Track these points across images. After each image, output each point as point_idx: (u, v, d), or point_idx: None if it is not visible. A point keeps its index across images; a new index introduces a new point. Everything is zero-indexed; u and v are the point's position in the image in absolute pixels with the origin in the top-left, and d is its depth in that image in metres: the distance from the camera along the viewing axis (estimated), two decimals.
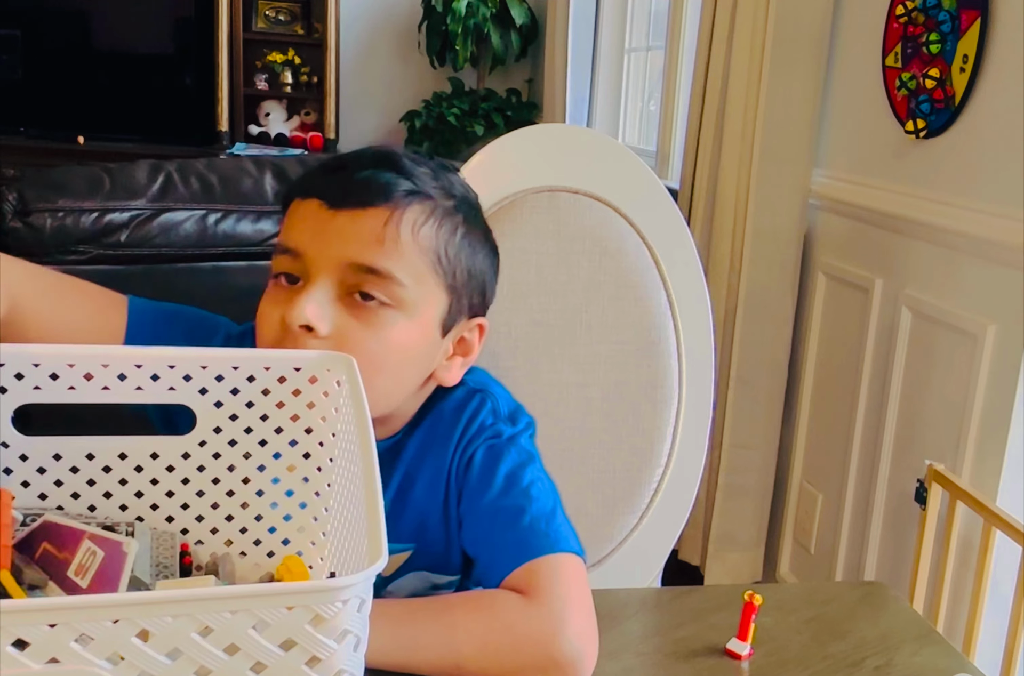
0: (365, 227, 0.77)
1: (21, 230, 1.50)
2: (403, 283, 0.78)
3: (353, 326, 0.77)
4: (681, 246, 1.30)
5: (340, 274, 0.77)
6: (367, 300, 0.78)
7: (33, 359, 0.74)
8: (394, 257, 0.77)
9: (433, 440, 0.87)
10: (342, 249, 0.77)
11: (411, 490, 0.88)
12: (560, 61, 3.61)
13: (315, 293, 0.76)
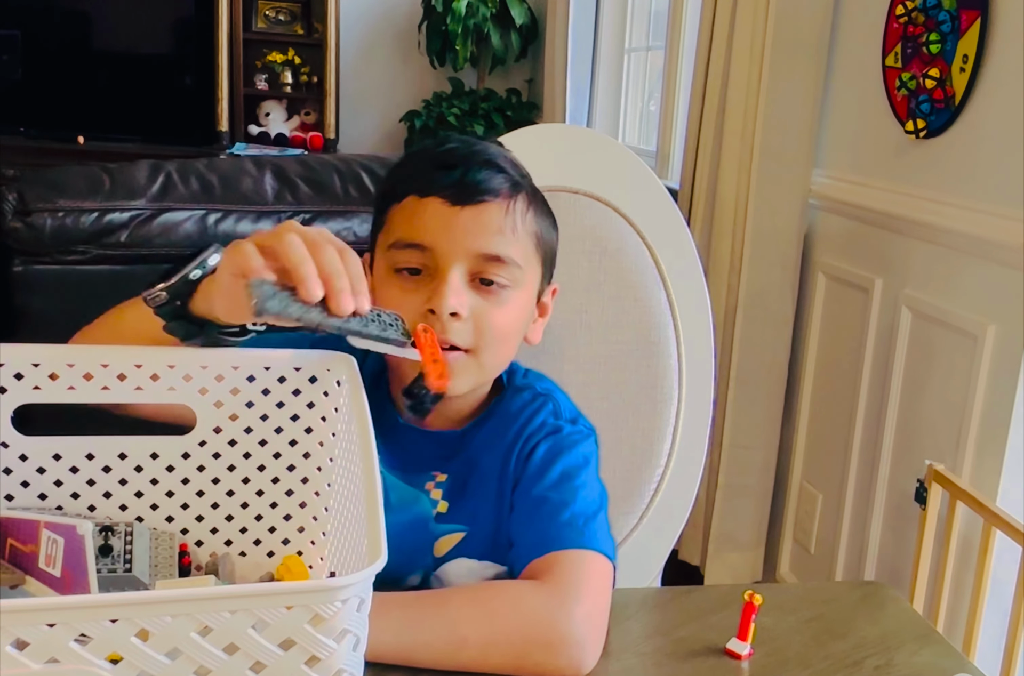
0: (487, 220, 0.87)
1: (21, 230, 1.50)
2: (520, 266, 0.89)
3: (483, 306, 0.87)
4: (681, 246, 1.30)
5: (468, 263, 0.86)
6: (487, 284, 0.87)
7: (33, 359, 0.74)
8: (512, 244, 0.88)
9: (496, 433, 0.94)
10: (470, 241, 0.86)
11: (470, 478, 0.93)
12: (560, 61, 3.61)
13: (454, 283, 0.85)
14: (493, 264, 0.87)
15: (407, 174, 0.91)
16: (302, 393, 0.80)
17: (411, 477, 0.93)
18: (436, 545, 0.92)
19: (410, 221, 0.88)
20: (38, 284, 1.54)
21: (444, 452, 0.94)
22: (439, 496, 0.93)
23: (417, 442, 0.93)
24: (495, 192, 0.87)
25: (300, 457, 0.81)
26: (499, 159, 0.90)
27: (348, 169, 1.69)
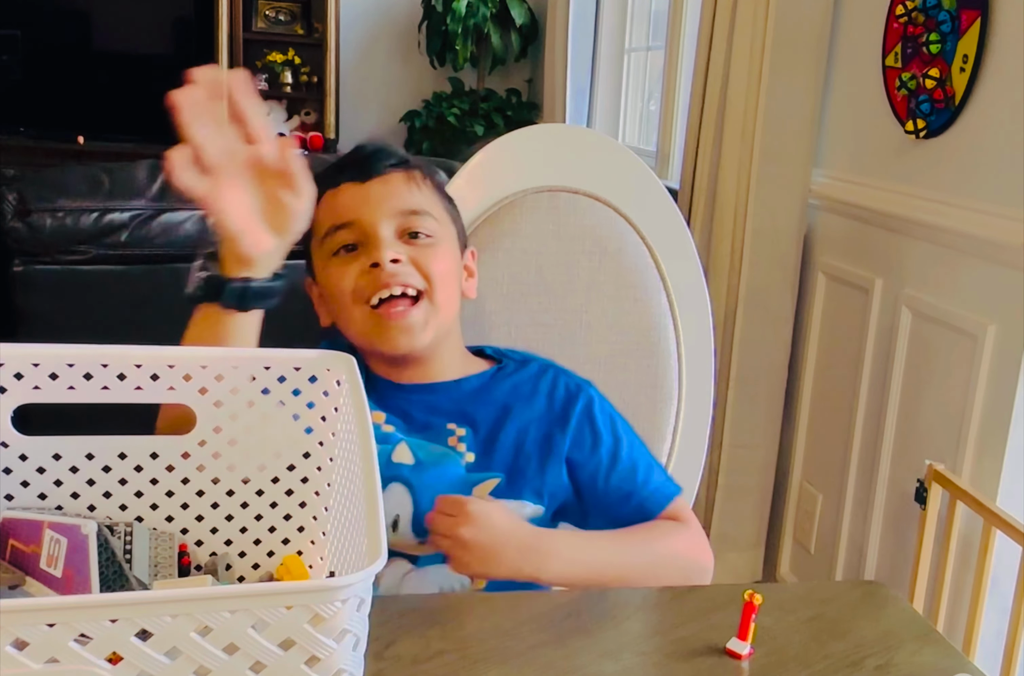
0: (395, 184, 1.01)
1: (21, 230, 1.50)
2: (435, 218, 1.01)
3: (417, 252, 0.99)
4: (681, 246, 1.30)
5: (392, 221, 0.99)
6: (414, 237, 1.00)
7: (33, 359, 0.74)
8: (422, 200, 1.01)
9: (522, 396, 1.05)
10: (386, 204, 0.99)
11: (501, 432, 1.02)
12: (560, 61, 3.61)
13: (387, 238, 0.98)
14: (413, 217, 1.00)
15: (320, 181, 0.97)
16: (302, 393, 0.80)
17: (430, 434, 1.01)
18: (474, 491, 1.00)
19: (332, 209, 1.00)
20: (38, 284, 1.54)
21: (451, 402, 1.03)
22: (464, 449, 1.01)
23: (423, 398, 1.03)
24: (392, 164, 1.02)
25: (300, 457, 0.81)
26: (387, 147, 1.05)
27: None
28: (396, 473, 0.99)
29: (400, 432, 1.01)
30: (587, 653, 0.80)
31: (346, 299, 0.99)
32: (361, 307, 0.98)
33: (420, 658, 0.77)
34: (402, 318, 0.97)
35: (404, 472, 0.99)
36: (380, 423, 1.01)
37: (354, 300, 0.98)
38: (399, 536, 0.98)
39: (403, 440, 1.00)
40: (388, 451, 1.00)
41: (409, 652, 0.77)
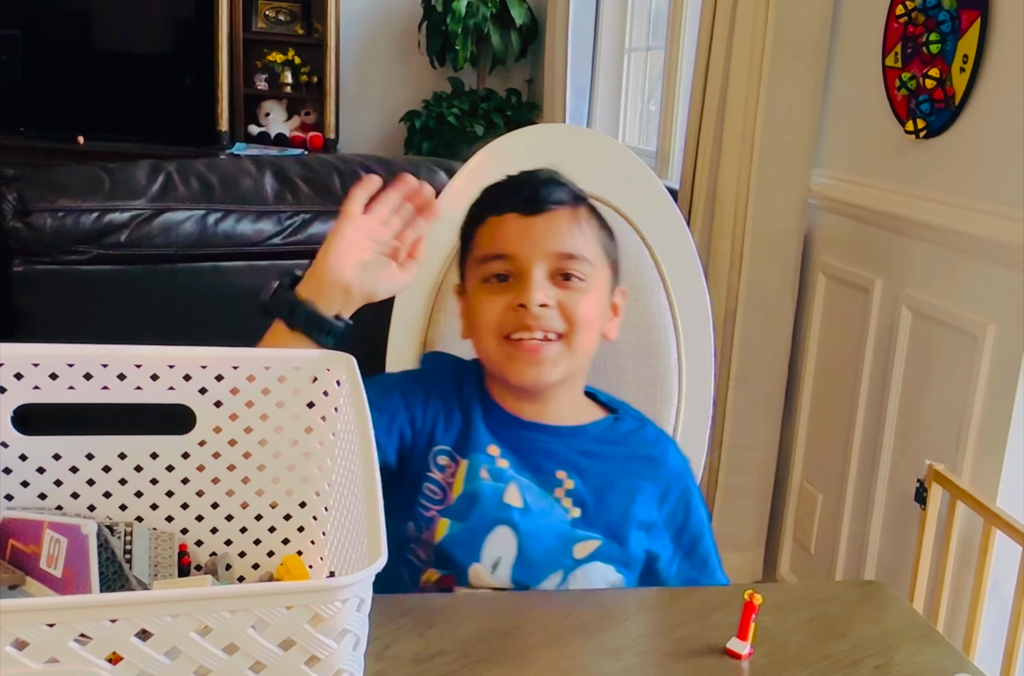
0: (558, 224, 1.01)
1: (21, 230, 1.50)
2: (591, 262, 1.01)
3: (566, 296, 1.00)
4: (681, 246, 1.30)
5: (547, 263, 1.00)
6: (566, 279, 1.00)
7: (33, 359, 0.74)
8: (582, 243, 1.02)
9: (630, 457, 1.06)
10: (546, 243, 1.00)
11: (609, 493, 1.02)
12: (560, 61, 3.61)
13: (538, 279, 0.99)
14: (568, 260, 1.00)
15: (485, 202, 1.07)
16: (302, 393, 0.80)
17: (539, 477, 1.02)
18: (575, 549, 1.00)
19: (492, 237, 1.02)
20: (38, 284, 1.54)
21: (566, 449, 1.04)
22: (569, 504, 1.01)
23: (539, 438, 1.04)
24: (561, 201, 1.02)
25: (300, 457, 0.81)
26: (559, 178, 1.06)
27: (348, 169, 1.69)
28: (506, 515, 0.99)
29: (512, 469, 1.01)
30: (587, 653, 0.80)
31: (487, 329, 1.01)
32: (499, 339, 1.00)
33: (420, 658, 0.77)
34: (535, 352, 0.99)
35: (513, 515, 0.99)
36: (496, 456, 1.02)
37: (494, 332, 1.00)
38: (496, 578, 0.98)
39: (514, 479, 1.01)
40: (500, 490, 1.00)
41: (409, 652, 0.77)
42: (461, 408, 1.05)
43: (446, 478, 1.01)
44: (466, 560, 0.98)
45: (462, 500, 1.00)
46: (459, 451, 1.02)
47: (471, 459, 1.01)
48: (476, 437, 1.02)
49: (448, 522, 0.99)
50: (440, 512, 1.00)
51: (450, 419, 1.04)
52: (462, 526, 0.99)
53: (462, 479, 1.00)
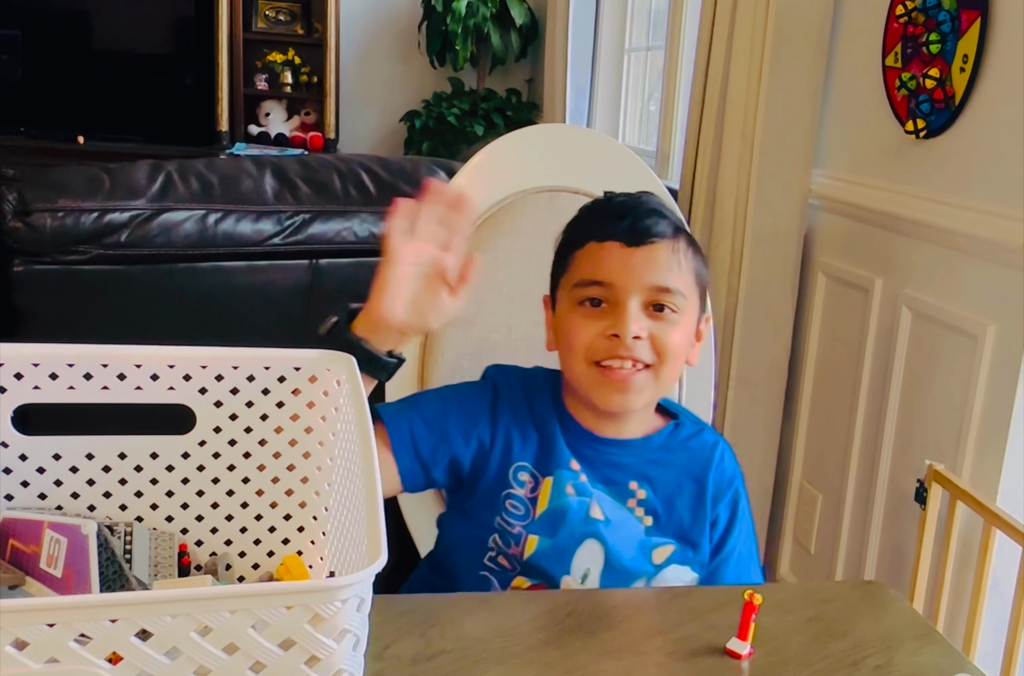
0: (658, 258, 1.02)
1: (21, 230, 1.50)
2: (685, 296, 1.02)
3: (657, 328, 1.01)
4: None
5: (643, 295, 1.00)
6: (659, 310, 1.01)
7: (33, 359, 0.74)
8: (678, 278, 1.02)
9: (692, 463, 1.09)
10: (645, 276, 1.01)
11: (675, 499, 1.06)
12: (560, 61, 3.61)
13: (634, 311, 1.00)
14: (664, 294, 1.01)
15: (585, 224, 1.07)
16: (302, 393, 0.80)
17: (612, 489, 1.05)
18: (654, 555, 1.05)
19: (592, 262, 1.03)
20: (38, 284, 1.54)
21: (636, 460, 1.06)
22: (642, 513, 1.05)
23: (611, 451, 1.06)
24: (662, 235, 1.02)
25: (300, 457, 0.81)
26: (662, 208, 1.06)
27: (348, 169, 1.69)
28: (594, 529, 1.03)
29: (589, 483, 1.05)
30: (587, 653, 0.80)
31: (578, 352, 1.02)
32: (588, 363, 1.01)
33: (420, 658, 0.77)
34: (622, 381, 1.00)
35: (600, 529, 1.03)
36: (578, 471, 1.04)
37: (584, 356, 1.01)
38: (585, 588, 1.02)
39: (594, 494, 1.04)
40: (586, 505, 1.03)
41: (409, 652, 0.78)
42: (536, 424, 1.07)
43: (527, 494, 1.04)
44: (557, 573, 1.02)
45: (549, 516, 1.03)
46: (540, 467, 1.04)
47: (556, 475, 1.04)
48: (559, 453, 1.04)
49: (537, 538, 1.03)
50: (526, 528, 1.03)
51: (526, 435, 1.06)
52: (552, 542, 1.02)
53: (547, 495, 1.03)
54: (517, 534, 1.03)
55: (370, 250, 1.67)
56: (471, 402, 1.07)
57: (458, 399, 1.08)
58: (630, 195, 1.08)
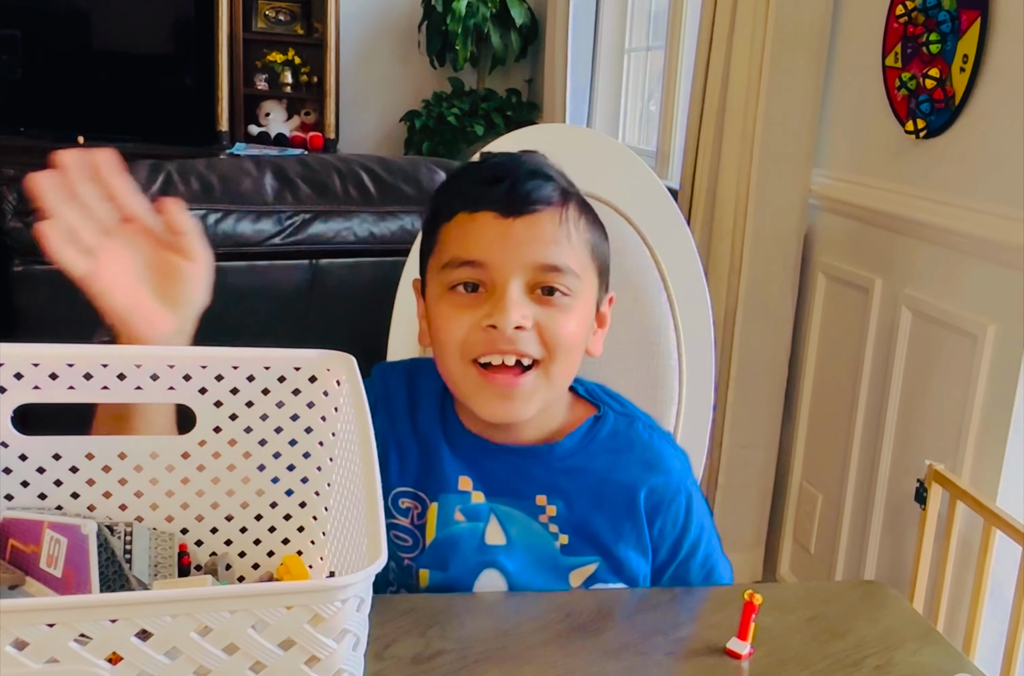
0: (541, 230, 0.86)
1: (21, 230, 1.50)
2: (578, 274, 0.87)
3: (545, 315, 0.86)
4: (681, 246, 1.30)
5: (526, 275, 0.85)
6: (548, 294, 0.86)
7: (33, 359, 0.74)
8: (568, 253, 0.87)
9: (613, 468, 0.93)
10: (526, 252, 0.85)
11: (597, 512, 0.92)
12: (560, 61, 3.61)
13: (514, 296, 0.84)
14: (551, 274, 0.86)
15: (455, 192, 0.90)
16: (302, 393, 0.79)
17: (520, 503, 0.92)
18: (571, 577, 0.93)
19: (463, 238, 0.87)
20: (38, 284, 1.54)
21: (543, 470, 0.93)
22: (556, 530, 0.92)
23: (513, 461, 0.92)
24: (546, 201, 0.87)
25: (300, 457, 0.81)
26: (546, 168, 0.90)
27: (348, 169, 1.69)
28: (490, 558, 0.91)
29: (489, 499, 0.92)
30: (587, 653, 0.80)
31: (452, 348, 0.87)
32: (465, 362, 0.87)
33: (420, 658, 0.77)
34: (508, 387, 0.85)
35: (499, 556, 0.91)
36: (469, 490, 0.92)
37: (459, 353, 0.87)
38: None
39: (493, 513, 0.91)
40: (481, 530, 0.91)
41: (409, 652, 0.77)
42: (418, 437, 0.93)
43: (413, 522, 0.92)
44: None
45: (438, 547, 0.91)
46: (424, 490, 0.92)
47: (441, 500, 0.91)
48: (442, 472, 0.92)
49: (428, 572, 0.92)
50: (414, 560, 0.92)
51: (406, 455, 0.93)
52: (444, 575, 0.92)
53: (434, 523, 0.91)
54: (407, 567, 0.92)
55: (370, 250, 1.67)
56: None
57: None
58: (508, 155, 0.91)
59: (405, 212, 1.66)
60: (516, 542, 0.92)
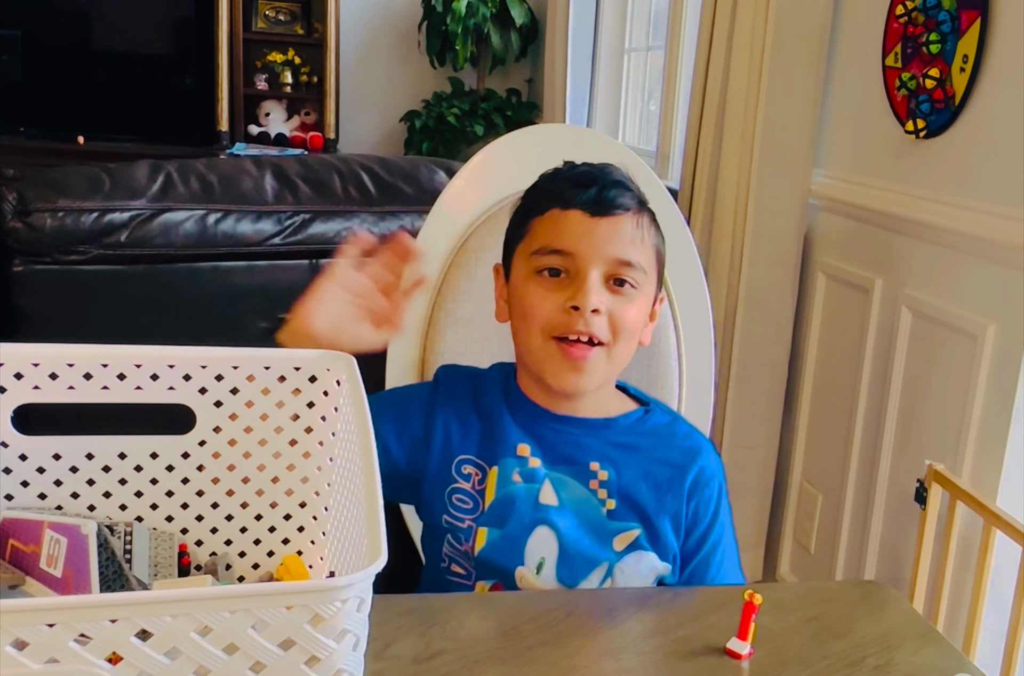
0: (621, 230, 1.00)
1: (21, 230, 1.50)
2: (645, 271, 1.00)
3: (615, 303, 0.99)
4: (681, 246, 1.30)
5: (605, 267, 0.98)
6: (619, 285, 0.99)
7: (33, 359, 0.74)
8: (640, 252, 1.00)
9: (661, 449, 1.05)
10: (607, 247, 0.98)
11: (640, 484, 1.03)
12: (560, 61, 3.61)
13: (594, 283, 0.97)
14: (625, 267, 0.99)
15: (548, 191, 1.03)
16: (302, 393, 0.80)
17: (572, 470, 1.02)
18: (615, 541, 1.01)
19: (554, 230, 1.00)
20: (38, 284, 1.54)
21: (599, 441, 1.03)
22: (605, 495, 1.01)
23: (571, 431, 1.03)
24: (627, 207, 1.00)
25: (300, 457, 0.81)
26: (627, 181, 1.03)
27: (348, 169, 1.69)
28: (543, 515, 1.00)
29: (544, 465, 1.01)
30: (587, 653, 0.80)
31: (534, 323, 0.99)
32: (545, 337, 0.99)
33: (420, 658, 0.77)
34: (580, 360, 0.98)
35: (551, 515, 1.00)
36: (527, 456, 1.02)
37: (541, 328, 0.99)
38: (542, 579, 0.99)
39: (547, 477, 1.01)
40: (535, 491, 1.00)
41: (409, 652, 0.78)
42: (479, 413, 1.04)
43: (474, 486, 1.01)
44: (510, 565, 0.99)
45: (497, 506, 1.00)
46: (484, 458, 1.02)
47: (500, 464, 1.01)
48: (503, 439, 1.02)
49: (486, 530, 1.00)
50: (475, 520, 1.00)
51: (467, 426, 1.03)
52: (501, 532, 0.99)
53: (494, 485, 1.01)
54: (467, 529, 1.00)
55: None
56: (407, 402, 1.05)
57: (394, 400, 1.07)
58: (594, 165, 1.05)
59: (405, 212, 1.66)
60: (567, 504, 1.00)
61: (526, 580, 0.99)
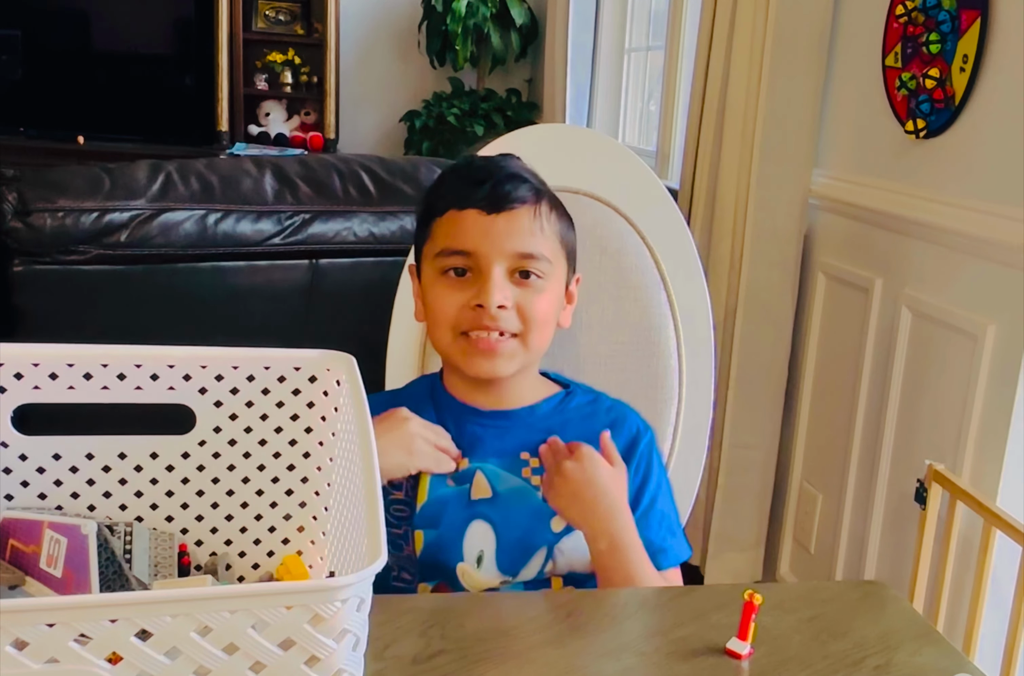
0: (519, 224, 1.01)
1: (21, 230, 1.50)
2: (550, 260, 1.03)
3: (523, 295, 1.01)
4: (681, 246, 1.30)
5: (507, 262, 1.00)
6: (525, 277, 1.01)
7: (33, 359, 0.74)
8: (542, 242, 1.02)
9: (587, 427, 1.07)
10: (507, 243, 1.00)
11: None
12: (560, 61, 3.61)
13: (498, 280, 1.00)
14: (528, 260, 1.01)
15: (444, 192, 1.05)
16: (302, 393, 0.80)
17: (504, 461, 1.05)
18: (552, 522, 1.03)
19: (453, 231, 1.02)
20: (38, 284, 1.54)
21: (525, 429, 1.06)
22: (538, 482, 1.04)
23: (498, 424, 1.06)
24: (522, 199, 1.02)
25: (300, 457, 0.81)
26: (521, 171, 1.05)
27: (348, 169, 1.69)
28: (477, 510, 1.03)
29: (475, 460, 1.04)
30: (587, 653, 0.80)
31: (443, 323, 1.02)
32: (455, 334, 1.02)
33: (420, 658, 0.77)
34: (489, 348, 1.01)
35: (484, 508, 1.02)
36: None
37: (450, 327, 1.02)
38: (483, 573, 1.01)
39: (478, 469, 1.04)
40: (466, 491, 1.03)
41: (409, 652, 0.77)
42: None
43: (407, 493, 1.03)
44: (451, 562, 1.01)
45: (428, 508, 1.03)
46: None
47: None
48: None
49: (422, 532, 1.02)
50: (410, 524, 1.02)
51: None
52: (437, 532, 1.02)
53: (426, 489, 1.03)
54: (405, 534, 1.02)
55: (370, 250, 1.67)
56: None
57: None
58: (489, 159, 1.07)
59: (405, 212, 1.66)
60: (501, 494, 1.03)
61: (468, 575, 1.01)
